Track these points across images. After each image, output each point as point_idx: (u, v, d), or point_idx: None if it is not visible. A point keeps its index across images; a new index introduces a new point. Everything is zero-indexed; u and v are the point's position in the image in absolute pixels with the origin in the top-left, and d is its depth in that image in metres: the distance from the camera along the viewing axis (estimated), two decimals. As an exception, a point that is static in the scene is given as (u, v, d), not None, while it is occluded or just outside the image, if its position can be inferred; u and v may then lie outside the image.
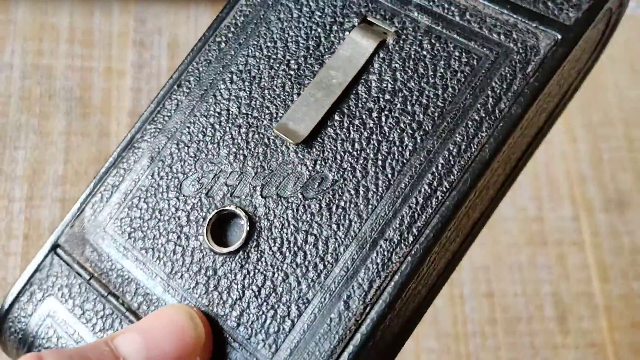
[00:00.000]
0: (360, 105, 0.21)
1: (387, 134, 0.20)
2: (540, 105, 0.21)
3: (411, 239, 0.19)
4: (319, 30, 0.22)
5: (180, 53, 0.42)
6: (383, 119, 0.20)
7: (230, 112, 0.22)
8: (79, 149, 0.39)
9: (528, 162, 0.24)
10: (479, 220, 0.23)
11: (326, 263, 0.19)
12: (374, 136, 0.20)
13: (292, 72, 0.22)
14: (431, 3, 0.21)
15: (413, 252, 0.19)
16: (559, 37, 0.20)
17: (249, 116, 0.22)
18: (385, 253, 0.19)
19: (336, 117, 0.21)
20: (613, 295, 0.39)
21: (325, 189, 0.20)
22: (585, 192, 0.42)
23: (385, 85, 0.21)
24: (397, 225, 0.19)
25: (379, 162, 0.20)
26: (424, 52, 0.21)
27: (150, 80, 0.42)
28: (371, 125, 0.20)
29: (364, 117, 0.21)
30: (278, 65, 0.22)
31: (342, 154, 0.20)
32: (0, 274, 0.36)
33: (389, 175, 0.20)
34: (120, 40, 0.42)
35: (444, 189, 0.19)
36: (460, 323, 0.38)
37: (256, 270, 0.20)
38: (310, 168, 0.20)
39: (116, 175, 0.23)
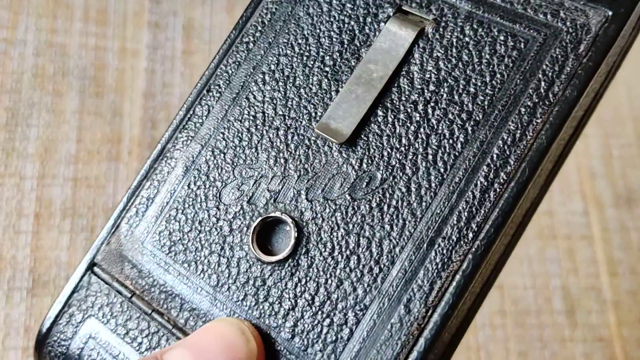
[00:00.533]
0: (403, 98, 0.20)
1: (436, 126, 0.19)
2: (593, 86, 0.20)
3: (471, 235, 0.18)
4: (352, 23, 0.21)
5: (195, 36, 0.42)
6: (430, 111, 0.19)
7: (266, 115, 0.21)
8: (92, 128, 0.39)
9: (574, 145, 0.23)
10: (529, 209, 0.22)
11: (382, 266, 0.18)
12: (422, 130, 0.19)
13: (327, 69, 0.21)
14: None
15: (474, 250, 0.18)
16: (610, 13, 0.19)
17: (287, 117, 0.21)
18: (445, 252, 0.18)
19: (379, 113, 0.20)
20: (621, 290, 0.39)
21: (374, 188, 0.19)
22: (595, 188, 0.42)
23: (428, 75, 0.20)
24: (455, 222, 0.18)
25: (430, 157, 0.19)
26: (467, 39, 0.20)
27: (164, 62, 0.41)
28: (417, 118, 0.19)
29: (409, 110, 0.20)
30: (312, 62, 0.21)
31: (390, 150, 0.19)
32: (10, 253, 0.36)
33: (442, 170, 0.19)
34: (135, 20, 0.42)
35: (502, 180, 0.18)
36: (470, 314, 0.38)
37: (308, 278, 0.19)
38: (356, 167, 0.20)
39: (150, 188, 0.22)
